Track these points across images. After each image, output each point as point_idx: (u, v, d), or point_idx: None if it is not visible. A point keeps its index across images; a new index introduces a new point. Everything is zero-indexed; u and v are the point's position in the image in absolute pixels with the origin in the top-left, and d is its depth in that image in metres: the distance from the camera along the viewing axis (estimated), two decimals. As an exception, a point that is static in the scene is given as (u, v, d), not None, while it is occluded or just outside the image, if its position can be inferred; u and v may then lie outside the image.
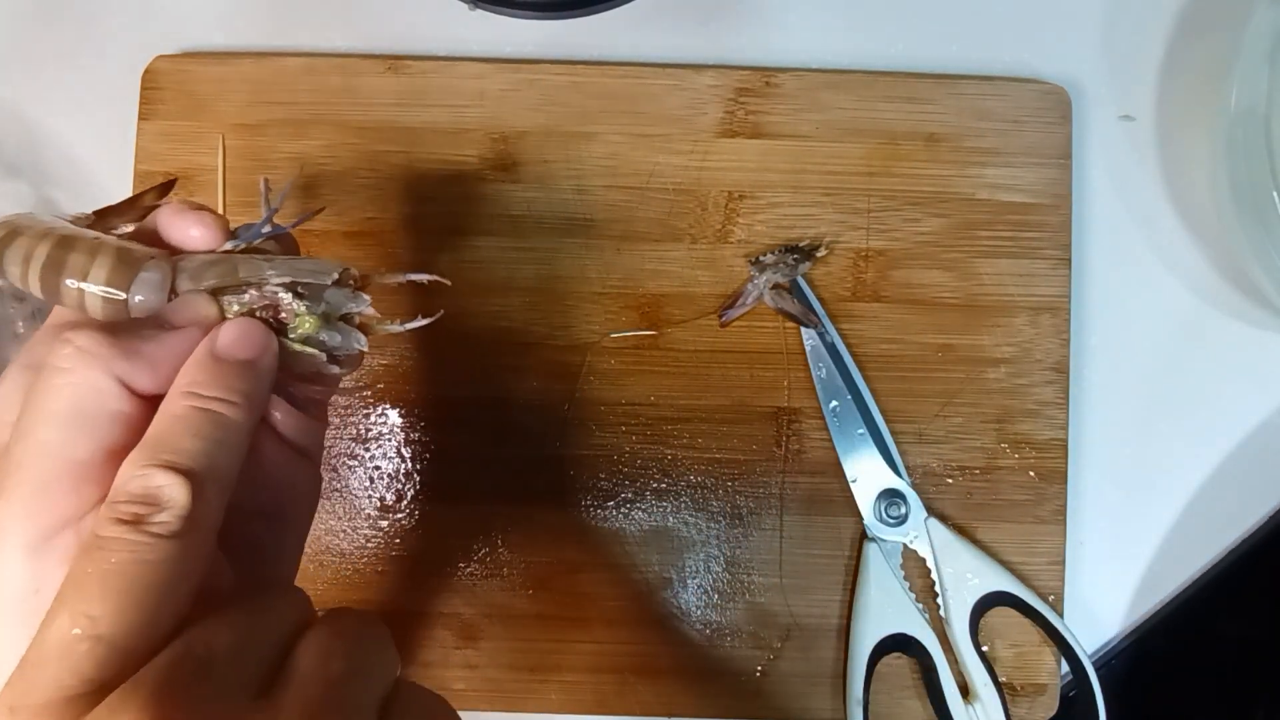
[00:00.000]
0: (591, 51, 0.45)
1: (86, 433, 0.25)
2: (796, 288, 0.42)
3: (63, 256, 0.27)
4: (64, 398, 0.25)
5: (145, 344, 0.26)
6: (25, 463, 0.24)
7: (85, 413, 0.25)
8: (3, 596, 0.24)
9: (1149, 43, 0.46)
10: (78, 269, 0.27)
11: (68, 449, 0.25)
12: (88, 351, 0.25)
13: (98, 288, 0.27)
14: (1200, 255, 0.45)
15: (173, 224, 0.29)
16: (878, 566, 0.41)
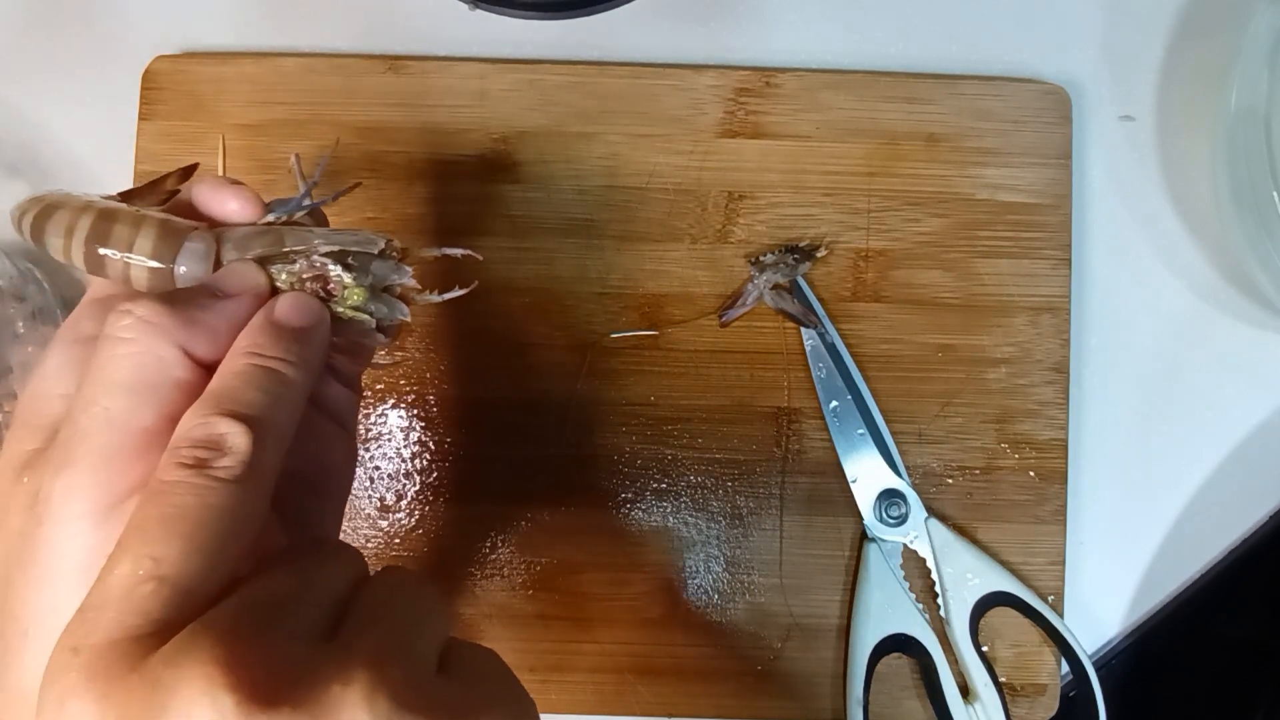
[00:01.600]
0: (591, 51, 0.45)
1: (150, 400, 0.25)
2: (796, 288, 0.42)
3: (106, 228, 0.27)
4: (127, 366, 0.25)
5: (203, 312, 0.26)
6: (91, 431, 0.25)
7: (149, 381, 0.25)
8: (69, 562, 0.24)
9: (1149, 43, 0.46)
10: (122, 240, 0.27)
11: (133, 417, 0.25)
12: (149, 321, 0.25)
13: (143, 258, 0.27)
14: (1200, 255, 0.45)
15: (211, 197, 0.29)
16: (878, 566, 0.41)
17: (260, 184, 0.43)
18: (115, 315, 0.25)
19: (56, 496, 0.24)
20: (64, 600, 0.24)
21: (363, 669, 0.21)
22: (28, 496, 0.25)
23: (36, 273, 0.43)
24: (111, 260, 0.27)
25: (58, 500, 0.24)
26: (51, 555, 0.24)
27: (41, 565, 0.24)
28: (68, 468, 0.24)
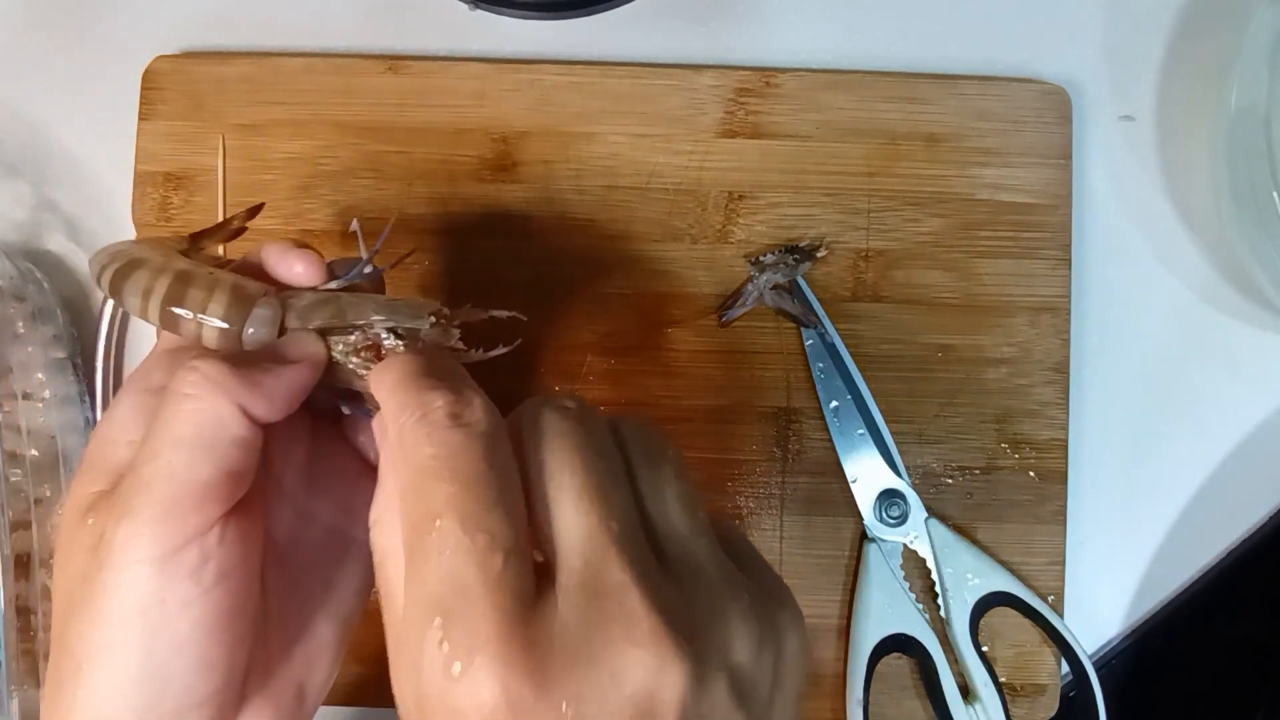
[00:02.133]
0: (591, 51, 0.45)
1: (210, 456, 0.26)
2: (796, 288, 0.42)
3: (182, 291, 0.29)
4: (191, 423, 0.26)
5: (264, 376, 0.27)
6: (154, 483, 0.26)
7: (209, 437, 0.26)
8: (127, 604, 0.25)
9: (1149, 43, 0.46)
10: (196, 303, 0.29)
11: (193, 471, 0.26)
12: (213, 380, 0.26)
13: (215, 321, 0.29)
14: (1200, 255, 0.45)
15: (279, 261, 0.31)
16: (878, 566, 0.41)
17: (260, 184, 0.43)
18: (182, 371, 0.27)
19: (118, 542, 0.25)
20: (118, 639, 0.25)
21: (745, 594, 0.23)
22: (91, 539, 0.26)
23: (36, 273, 0.43)
24: (185, 320, 0.29)
25: (118, 546, 0.25)
26: (110, 597, 0.25)
27: (100, 605, 0.25)
28: (129, 516, 0.25)
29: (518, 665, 0.21)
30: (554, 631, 0.22)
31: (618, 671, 0.21)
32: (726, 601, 0.23)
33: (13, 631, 0.38)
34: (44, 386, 0.41)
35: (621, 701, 0.21)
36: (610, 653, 0.21)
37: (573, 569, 0.23)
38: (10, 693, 0.38)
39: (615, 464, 0.25)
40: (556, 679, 0.21)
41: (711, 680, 0.22)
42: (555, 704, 0.21)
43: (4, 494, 0.39)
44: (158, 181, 0.43)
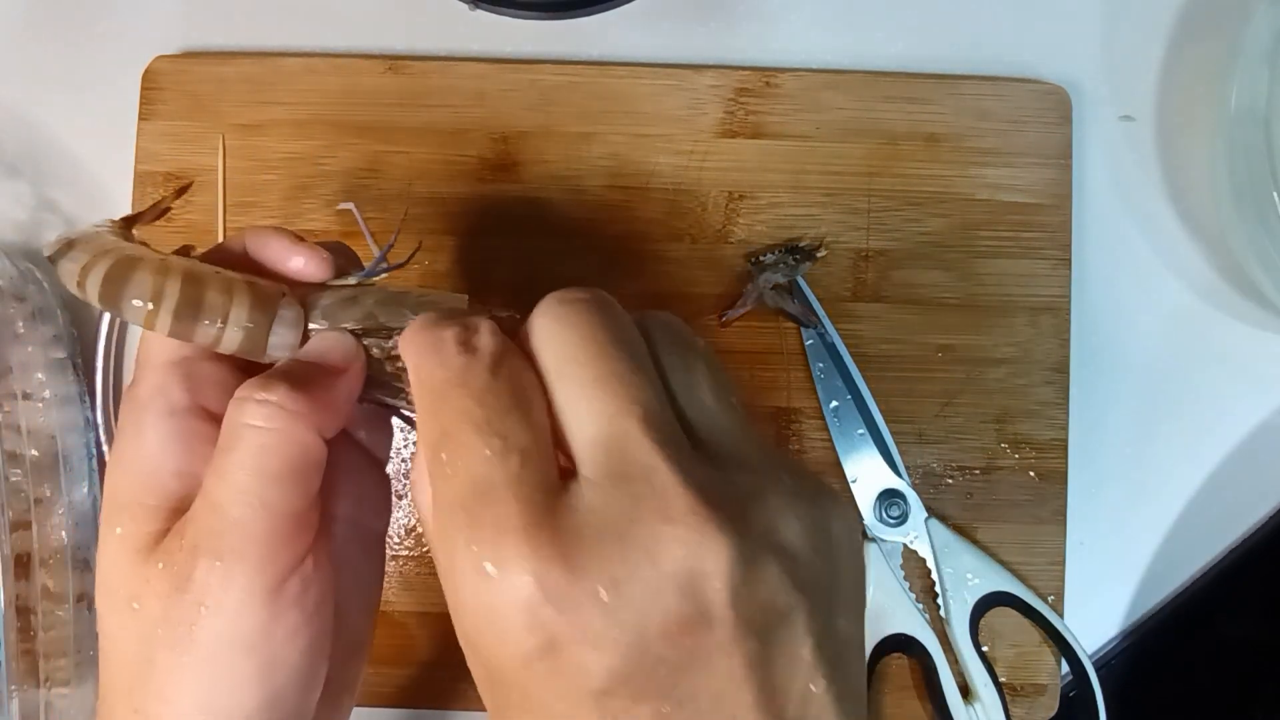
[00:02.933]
0: (591, 51, 0.45)
1: (301, 486, 0.26)
2: (796, 288, 0.42)
3: (198, 295, 0.27)
4: (278, 457, 0.26)
5: (328, 394, 0.27)
6: (248, 521, 0.25)
7: (298, 468, 0.26)
8: (238, 645, 0.25)
9: (1149, 43, 0.46)
10: (216, 309, 0.27)
11: (287, 503, 0.26)
12: (290, 410, 0.26)
13: (239, 328, 0.27)
14: (1200, 255, 0.45)
15: (277, 254, 0.30)
16: (878, 567, 0.41)
17: (260, 184, 0.43)
18: (252, 405, 0.26)
19: (217, 584, 0.25)
20: (232, 681, 0.25)
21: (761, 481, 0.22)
22: (167, 584, 0.26)
23: (36, 273, 0.43)
24: (205, 328, 0.27)
25: (219, 587, 0.25)
26: (218, 641, 0.25)
27: (207, 651, 0.25)
28: (229, 556, 0.25)
29: (546, 552, 0.20)
30: (581, 517, 0.21)
31: (654, 550, 0.20)
32: (770, 481, 0.23)
33: (13, 631, 0.38)
34: (44, 386, 0.41)
35: (662, 582, 0.20)
36: (643, 532, 0.20)
37: (595, 459, 0.22)
38: (10, 693, 0.38)
39: (635, 351, 0.24)
40: (589, 562, 0.20)
41: (761, 561, 0.21)
42: (591, 589, 0.20)
43: (4, 494, 0.39)
44: (158, 181, 0.43)
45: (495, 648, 0.21)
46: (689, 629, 0.20)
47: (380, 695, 0.41)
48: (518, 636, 0.21)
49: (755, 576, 0.21)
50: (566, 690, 0.21)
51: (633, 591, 0.20)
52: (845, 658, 0.23)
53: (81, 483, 0.42)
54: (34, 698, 0.39)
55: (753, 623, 0.21)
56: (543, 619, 0.20)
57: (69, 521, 0.41)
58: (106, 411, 0.43)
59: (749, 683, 0.21)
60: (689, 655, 0.21)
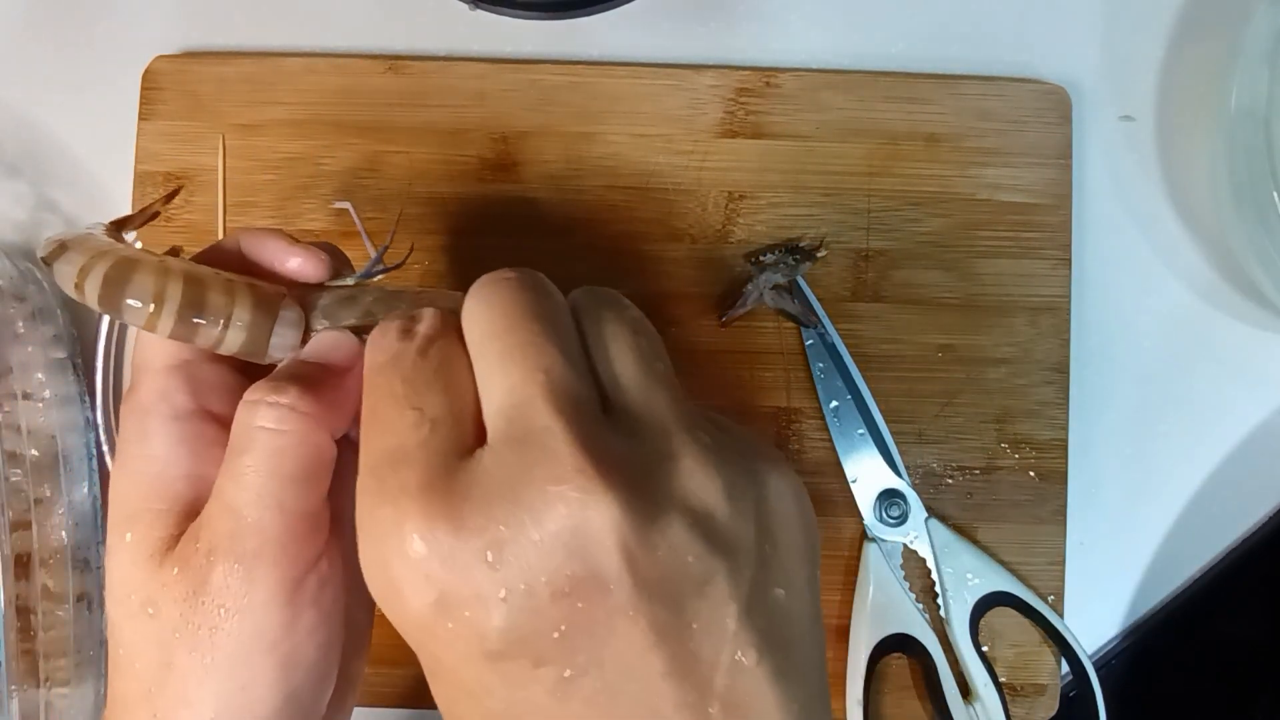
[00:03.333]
0: (591, 51, 0.45)
1: (315, 487, 0.27)
2: (796, 288, 0.42)
3: (200, 297, 0.27)
4: (292, 459, 0.26)
5: (336, 393, 0.27)
6: (265, 524, 0.26)
7: (311, 470, 0.26)
8: (260, 645, 0.26)
9: (1149, 43, 0.46)
10: (218, 310, 0.27)
11: (303, 504, 0.26)
12: (302, 411, 0.26)
13: (241, 329, 0.27)
14: (1200, 255, 0.45)
15: (274, 254, 0.30)
16: (878, 566, 0.41)
17: (260, 184, 0.43)
18: (265, 407, 0.26)
19: (236, 586, 0.26)
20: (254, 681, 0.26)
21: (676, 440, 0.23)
22: (185, 587, 0.26)
23: (36, 273, 0.43)
24: (206, 329, 0.27)
25: (238, 589, 0.26)
26: (237, 640, 0.26)
27: (228, 652, 0.26)
28: (247, 557, 0.26)
29: (437, 510, 0.21)
30: (476, 480, 0.21)
31: (538, 510, 0.20)
32: (681, 445, 0.22)
33: (13, 631, 0.38)
34: (44, 386, 0.41)
35: (548, 542, 0.20)
36: (529, 493, 0.21)
37: (497, 426, 0.23)
38: (10, 693, 0.38)
39: (552, 322, 0.24)
40: (475, 522, 0.21)
41: (664, 521, 0.21)
42: (478, 548, 0.20)
43: (4, 494, 0.39)
44: (158, 181, 0.43)
45: (399, 611, 0.22)
46: (582, 592, 0.20)
47: (380, 695, 0.41)
48: (413, 595, 0.21)
49: (656, 538, 0.20)
50: (465, 653, 0.21)
51: (517, 551, 0.20)
52: (786, 632, 0.22)
53: (81, 483, 0.42)
54: (34, 698, 0.39)
55: (656, 586, 0.20)
56: (433, 577, 0.21)
57: (69, 521, 0.41)
58: (106, 411, 0.43)
59: (658, 651, 0.20)
60: (588, 620, 0.20)
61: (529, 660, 0.21)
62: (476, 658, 0.21)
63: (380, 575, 0.22)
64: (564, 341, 0.24)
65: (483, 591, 0.20)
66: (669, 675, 0.20)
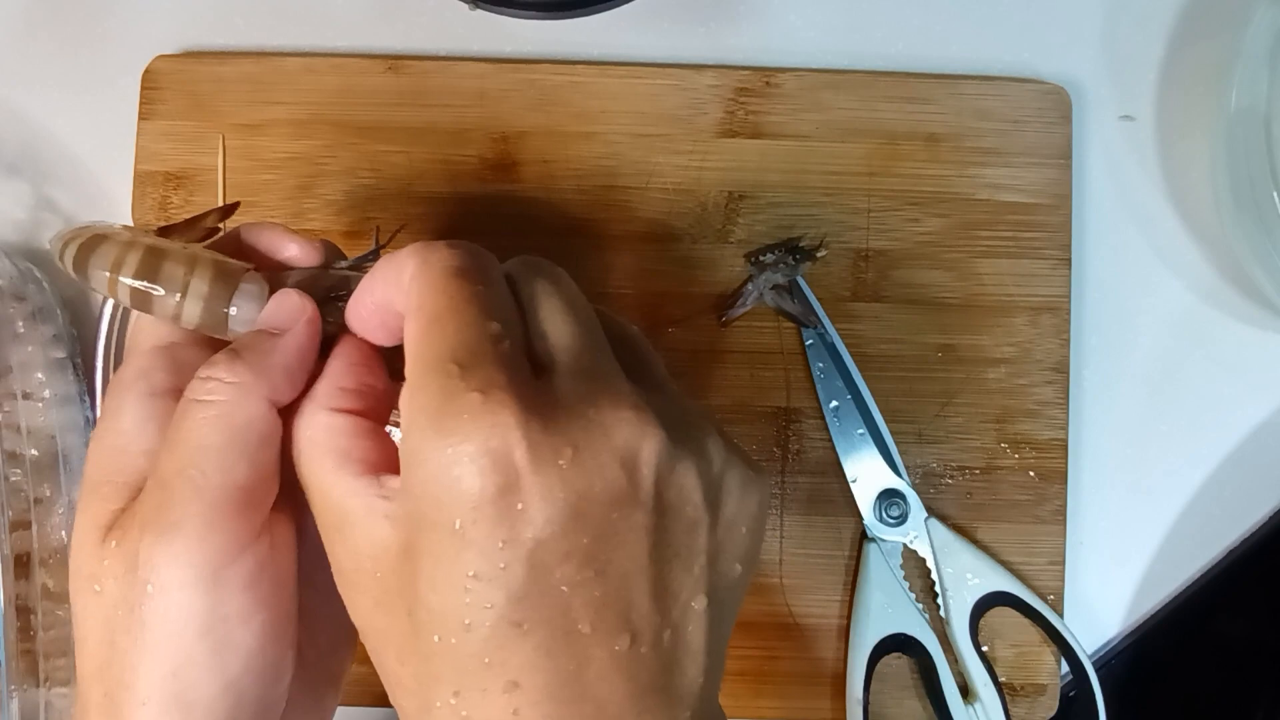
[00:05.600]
0: (591, 51, 0.45)
1: (243, 459, 0.26)
2: (796, 288, 0.42)
3: (156, 266, 0.27)
4: (217, 429, 0.25)
5: (271, 358, 0.27)
6: (188, 496, 0.25)
7: (239, 441, 0.26)
8: (188, 627, 0.25)
9: (1149, 43, 0.46)
10: (175, 280, 0.27)
11: (230, 476, 0.25)
12: (232, 382, 0.26)
13: (198, 300, 0.27)
14: (1200, 255, 0.45)
15: (273, 242, 0.30)
16: (878, 566, 0.41)
17: (260, 184, 0.43)
18: (197, 381, 0.26)
19: (162, 564, 0.25)
20: (184, 662, 0.25)
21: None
22: (121, 563, 0.26)
23: (36, 272, 0.43)
24: (160, 299, 0.27)
25: (164, 568, 0.25)
26: (167, 623, 0.25)
27: (157, 633, 0.25)
28: (168, 534, 0.25)
29: (531, 407, 0.23)
30: (557, 393, 0.24)
31: (610, 428, 0.23)
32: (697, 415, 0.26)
33: (13, 631, 0.38)
34: (44, 386, 0.41)
35: (611, 452, 0.23)
36: (603, 414, 0.23)
37: (564, 361, 0.25)
38: (10, 693, 0.38)
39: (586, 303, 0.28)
40: (562, 425, 0.23)
41: (684, 458, 0.24)
42: (559, 446, 0.23)
43: (4, 494, 0.39)
44: (158, 181, 0.43)
45: (452, 489, 0.23)
46: (619, 503, 0.23)
47: (379, 695, 0.41)
48: (478, 478, 0.22)
49: (678, 471, 0.24)
50: (507, 535, 0.22)
51: (586, 457, 0.23)
52: (726, 597, 0.26)
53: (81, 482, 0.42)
54: (34, 697, 0.39)
55: (666, 514, 0.24)
56: (513, 462, 0.22)
57: (69, 521, 0.41)
58: (106, 411, 0.43)
59: (648, 572, 0.24)
60: (613, 529, 0.23)
61: (559, 553, 0.23)
62: (514, 542, 0.22)
63: (444, 457, 0.23)
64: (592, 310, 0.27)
65: (549, 485, 0.22)
66: (648, 594, 0.24)
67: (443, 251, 0.26)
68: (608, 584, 0.23)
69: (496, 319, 0.24)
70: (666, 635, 0.24)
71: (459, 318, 0.24)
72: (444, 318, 0.24)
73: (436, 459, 0.23)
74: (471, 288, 0.25)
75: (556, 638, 0.23)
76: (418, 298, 0.25)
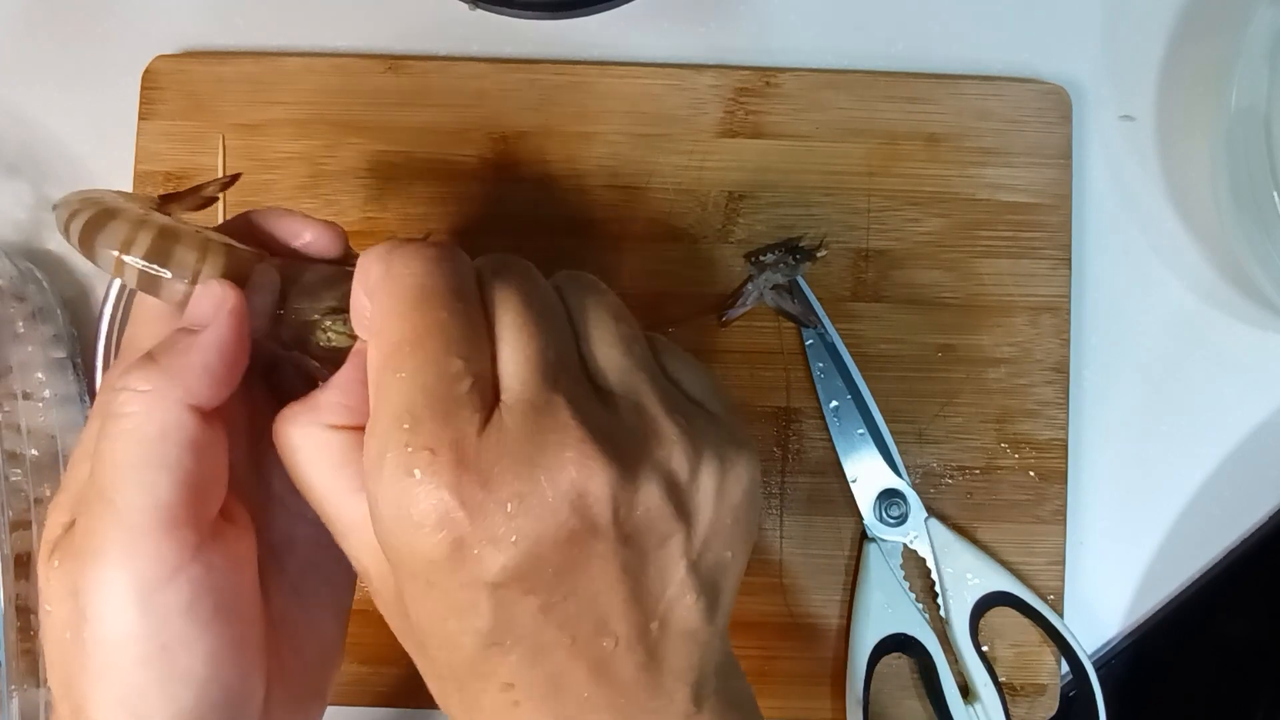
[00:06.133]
0: (591, 51, 0.45)
1: (165, 472, 0.24)
2: (796, 288, 0.42)
3: (168, 249, 0.26)
4: (128, 444, 0.24)
5: (186, 357, 0.25)
6: (107, 521, 0.24)
7: (155, 454, 0.24)
8: (124, 654, 0.24)
9: (1149, 43, 0.46)
10: (185, 265, 0.26)
11: (149, 494, 0.24)
12: (143, 390, 0.24)
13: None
14: (1200, 255, 0.45)
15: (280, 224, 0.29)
16: (878, 566, 0.41)
17: (260, 184, 0.43)
18: (111, 393, 0.24)
19: (93, 591, 0.24)
20: (129, 691, 0.24)
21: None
22: (63, 586, 0.24)
23: (36, 272, 0.43)
24: (168, 284, 0.26)
25: (94, 594, 0.24)
26: (106, 651, 0.24)
27: (98, 660, 0.24)
28: (95, 559, 0.24)
29: (470, 467, 0.22)
30: (501, 440, 0.23)
31: (554, 473, 0.23)
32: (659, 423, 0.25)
33: (13, 631, 0.38)
34: (44, 386, 0.41)
35: (558, 499, 0.23)
36: (546, 457, 0.23)
37: (514, 390, 0.24)
38: (10, 693, 0.38)
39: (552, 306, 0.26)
40: (503, 480, 0.23)
41: (642, 483, 0.24)
42: (502, 502, 0.22)
43: (4, 494, 0.39)
44: (158, 181, 0.43)
45: (408, 545, 0.23)
46: (577, 538, 0.23)
47: (378, 695, 0.41)
48: (430, 535, 0.22)
49: (638, 496, 0.24)
50: (465, 581, 0.23)
51: (532, 506, 0.23)
52: (720, 583, 0.26)
53: (81, 483, 0.42)
54: (34, 697, 0.39)
55: (631, 538, 0.24)
56: (455, 522, 0.22)
57: (69, 521, 0.41)
58: (106, 411, 0.43)
59: (622, 585, 0.24)
60: (574, 560, 0.23)
61: (521, 590, 0.23)
62: (474, 585, 0.23)
63: (396, 516, 0.23)
64: (562, 324, 0.26)
65: (498, 536, 0.22)
66: (626, 600, 0.24)
67: (409, 260, 0.24)
68: (580, 602, 0.24)
69: (459, 353, 0.23)
70: (654, 627, 0.24)
71: (420, 354, 0.23)
72: (404, 352, 0.23)
73: (392, 514, 0.23)
74: (435, 315, 0.24)
75: (538, 650, 0.24)
76: (380, 318, 0.24)
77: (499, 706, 0.24)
